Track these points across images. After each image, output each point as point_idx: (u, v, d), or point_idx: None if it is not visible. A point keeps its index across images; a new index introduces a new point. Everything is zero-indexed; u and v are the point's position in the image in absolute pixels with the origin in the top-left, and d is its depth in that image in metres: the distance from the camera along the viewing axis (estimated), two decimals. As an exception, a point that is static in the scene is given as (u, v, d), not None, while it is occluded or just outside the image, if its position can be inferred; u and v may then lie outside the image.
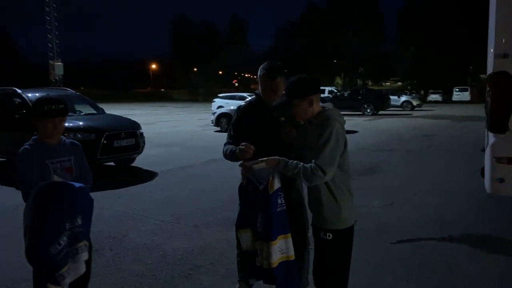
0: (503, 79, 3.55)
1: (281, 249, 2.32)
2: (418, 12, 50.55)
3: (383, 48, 63.24)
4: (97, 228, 4.35)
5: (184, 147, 11.91)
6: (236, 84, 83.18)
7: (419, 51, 50.16)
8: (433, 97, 42.27)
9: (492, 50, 3.71)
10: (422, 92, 45.47)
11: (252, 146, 2.47)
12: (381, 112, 23.86)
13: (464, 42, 45.91)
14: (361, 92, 25.65)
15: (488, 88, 3.75)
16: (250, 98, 2.95)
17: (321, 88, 21.28)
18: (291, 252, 2.35)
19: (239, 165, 2.50)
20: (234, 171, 8.20)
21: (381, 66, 61.38)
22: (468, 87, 42.41)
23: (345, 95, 25.02)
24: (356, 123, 18.74)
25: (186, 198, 6.18)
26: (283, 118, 2.69)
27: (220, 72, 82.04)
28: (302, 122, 2.66)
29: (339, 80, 64.70)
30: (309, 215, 2.58)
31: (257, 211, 2.44)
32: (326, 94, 25.92)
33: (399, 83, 71.78)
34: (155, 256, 4.00)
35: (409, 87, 51.65)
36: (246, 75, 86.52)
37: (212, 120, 16.65)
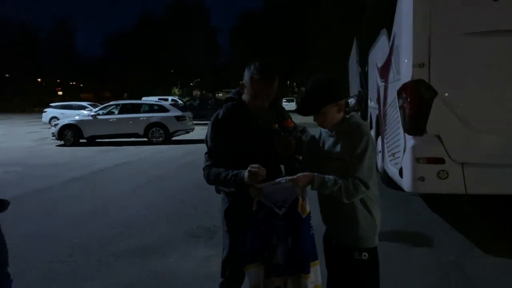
0: (421, 86, 3.92)
1: (311, 280, 1.98)
2: (247, 30, 54.46)
3: (218, 60, 66.09)
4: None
5: (27, 166, 9.89)
6: (60, 93, 74.48)
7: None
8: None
9: (407, 60, 4.07)
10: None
11: (264, 169, 2.03)
12: (229, 121, 24.70)
13: (286, 59, 51.47)
14: (209, 102, 26.12)
15: (405, 95, 4.10)
16: (226, 104, 2.38)
17: (164, 97, 20.53)
18: (320, 280, 2.03)
19: (249, 188, 2.04)
20: (112, 189, 7.33)
21: (217, 77, 64.00)
22: (294, 98, 47.94)
23: (195, 104, 25.04)
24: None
25: (66, 228, 5.03)
26: (276, 126, 2.28)
27: (39, 80, 72.52)
28: (294, 128, 2.37)
29: (176, 91, 64.63)
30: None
31: (272, 240, 2.03)
32: (166, 103, 25.54)
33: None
34: (70, 310, 3.06)
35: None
36: (72, 83, 78.51)
37: (53, 133, 14.37)
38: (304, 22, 46.13)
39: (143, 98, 26.65)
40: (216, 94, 72.07)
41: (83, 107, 22.58)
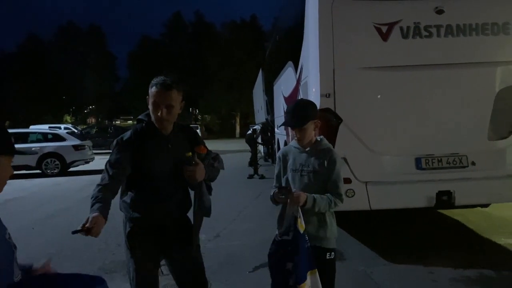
0: (329, 114, 4.34)
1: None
2: (146, 56, 53.57)
3: (115, 86, 63.42)
4: None
5: None
6: None
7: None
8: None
9: (314, 89, 4.50)
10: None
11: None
12: (130, 149, 23.72)
13: (188, 87, 51.59)
14: (109, 130, 24.86)
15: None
16: (135, 126, 2.34)
17: (55, 126, 19.00)
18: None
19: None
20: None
21: (114, 104, 61.26)
22: (198, 125, 47.95)
23: (93, 132, 23.59)
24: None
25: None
26: (189, 154, 2.20)
27: None
28: (207, 154, 2.40)
29: (68, 118, 60.16)
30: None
31: (287, 266, 2.24)
32: (62, 131, 23.74)
33: (130, 122, 73.31)
34: None
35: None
36: None
37: None
38: (204, 51, 47.03)
39: (31, 127, 24.35)
40: (114, 122, 68.80)
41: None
